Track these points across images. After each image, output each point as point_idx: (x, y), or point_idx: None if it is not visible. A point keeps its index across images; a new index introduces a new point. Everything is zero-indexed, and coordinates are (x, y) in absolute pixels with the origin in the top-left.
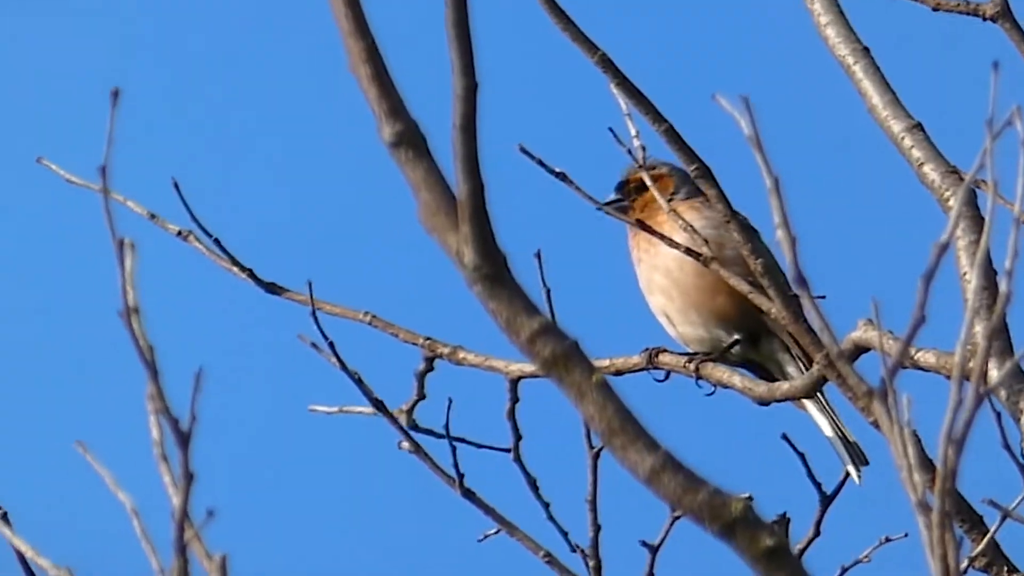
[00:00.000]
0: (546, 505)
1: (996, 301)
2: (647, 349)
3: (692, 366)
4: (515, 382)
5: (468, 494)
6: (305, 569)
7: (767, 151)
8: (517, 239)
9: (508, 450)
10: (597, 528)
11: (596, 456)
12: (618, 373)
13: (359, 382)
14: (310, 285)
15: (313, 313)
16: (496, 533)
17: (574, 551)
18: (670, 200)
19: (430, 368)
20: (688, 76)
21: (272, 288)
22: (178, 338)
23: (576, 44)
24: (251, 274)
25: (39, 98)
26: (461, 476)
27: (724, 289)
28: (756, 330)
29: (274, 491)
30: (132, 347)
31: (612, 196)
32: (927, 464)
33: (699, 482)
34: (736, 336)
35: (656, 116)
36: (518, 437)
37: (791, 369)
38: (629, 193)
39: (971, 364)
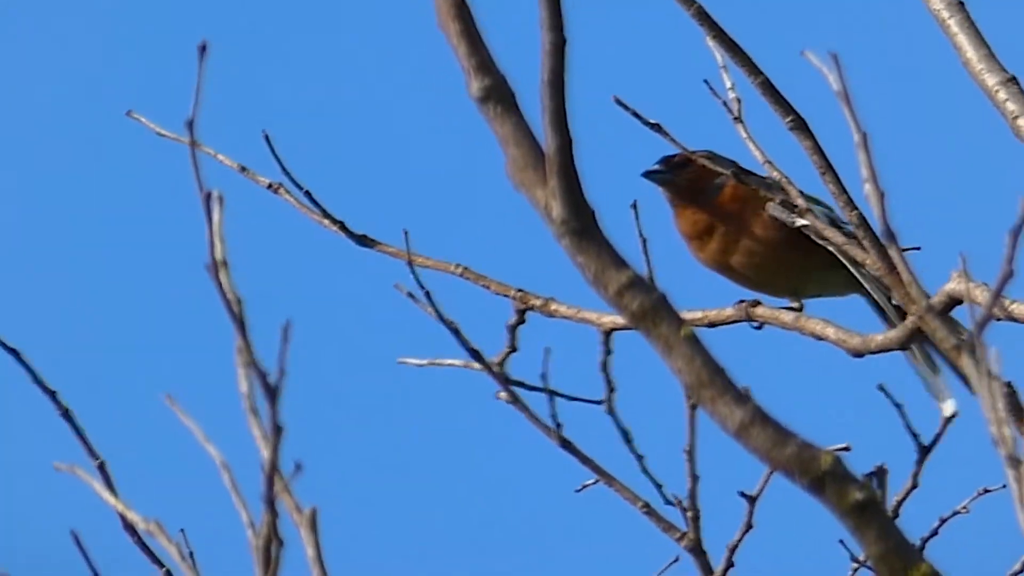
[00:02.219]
0: (639, 457)
1: None
2: (742, 301)
3: (792, 316)
4: (608, 334)
5: (566, 444)
6: (397, 521)
7: (856, 107)
8: (611, 192)
9: (601, 402)
10: (695, 478)
11: (694, 407)
12: (711, 325)
13: (456, 332)
14: (406, 235)
15: (409, 262)
16: (594, 483)
17: (668, 503)
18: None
19: (522, 320)
20: (780, 30)
21: (364, 240)
22: (267, 291)
23: None
24: (342, 226)
25: (129, 51)
26: (559, 426)
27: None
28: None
29: (365, 444)
30: (220, 300)
31: (656, 167)
32: (1023, 415)
33: (788, 436)
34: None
35: (752, 68)
36: (611, 389)
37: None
38: (673, 167)
39: None
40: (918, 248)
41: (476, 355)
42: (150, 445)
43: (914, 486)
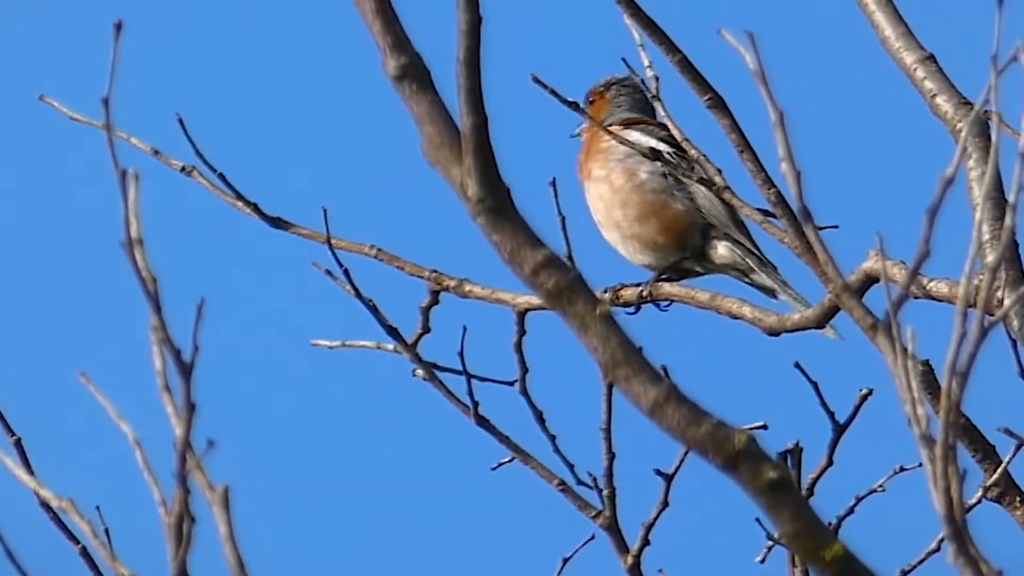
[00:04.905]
0: (552, 438)
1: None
2: (607, 289)
3: (646, 292)
4: (522, 314)
5: (482, 422)
6: (311, 500)
7: (774, 85)
8: (526, 171)
9: (512, 383)
10: (612, 456)
11: (610, 386)
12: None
13: (374, 310)
14: (325, 213)
15: (328, 242)
16: (510, 461)
17: (581, 484)
18: (604, 122)
19: (435, 301)
20: (697, 8)
21: (277, 222)
22: (182, 271)
23: None
24: (256, 209)
25: (41, 33)
26: (476, 404)
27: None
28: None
29: (279, 423)
30: (135, 278)
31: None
32: (939, 394)
33: (702, 415)
34: (683, 255)
35: (670, 47)
36: (525, 369)
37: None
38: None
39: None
40: (835, 227)
41: (394, 333)
42: (64, 423)
43: (829, 464)
